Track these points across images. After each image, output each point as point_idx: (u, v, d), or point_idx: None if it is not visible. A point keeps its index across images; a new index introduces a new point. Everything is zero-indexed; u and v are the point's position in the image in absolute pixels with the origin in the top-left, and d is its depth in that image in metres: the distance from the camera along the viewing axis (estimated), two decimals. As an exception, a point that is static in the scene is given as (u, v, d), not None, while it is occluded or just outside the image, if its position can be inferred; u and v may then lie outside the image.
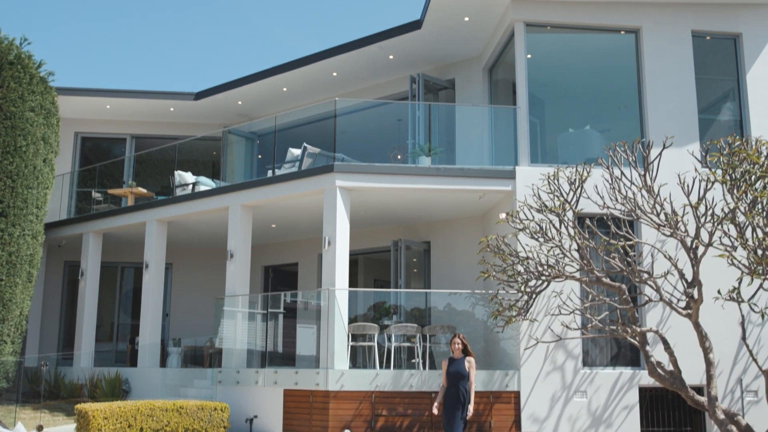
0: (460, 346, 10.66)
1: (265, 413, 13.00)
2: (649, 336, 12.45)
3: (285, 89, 18.13)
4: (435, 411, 10.52)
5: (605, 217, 11.76)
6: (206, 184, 16.26)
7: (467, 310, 13.95)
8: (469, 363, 10.55)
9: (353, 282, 17.52)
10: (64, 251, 19.37)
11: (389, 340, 13.16)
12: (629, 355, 13.22)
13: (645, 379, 12.81)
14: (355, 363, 13.43)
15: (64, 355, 18.32)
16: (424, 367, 13.13)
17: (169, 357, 17.16)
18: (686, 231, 10.88)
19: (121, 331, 19.93)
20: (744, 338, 11.67)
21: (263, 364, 13.83)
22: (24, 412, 13.96)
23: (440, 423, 12.32)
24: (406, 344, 13.45)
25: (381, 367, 12.91)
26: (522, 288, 11.60)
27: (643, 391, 12.95)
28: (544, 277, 11.55)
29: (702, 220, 10.66)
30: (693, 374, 12.43)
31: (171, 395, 14.82)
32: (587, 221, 11.46)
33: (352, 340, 12.98)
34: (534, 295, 11.78)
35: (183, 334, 18.54)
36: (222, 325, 14.36)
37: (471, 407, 10.39)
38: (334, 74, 17.19)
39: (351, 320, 13.39)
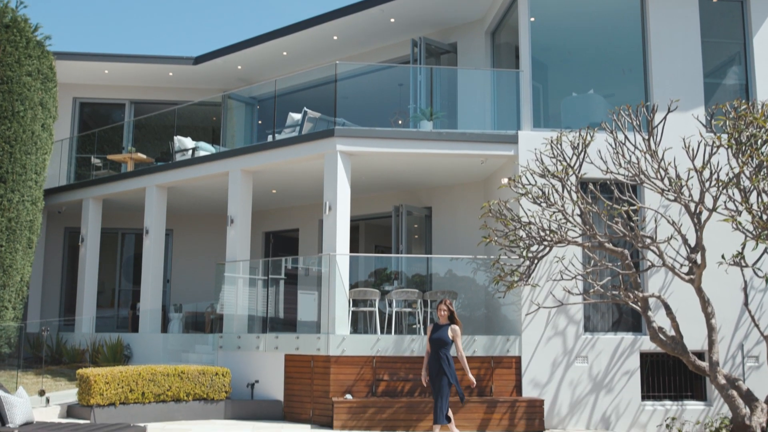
0: (446, 312, 10.28)
1: (266, 378, 13.02)
2: (651, 302, 12.40)
3: (285, 53, 17.92)
4: (423, 382, 10.35)
5: (608, 182, 11.66)
6: (206, 149, 16.14)
7: (468, 276, 13.92)
8: (453, 331, 10.13)
9: (354, 248, 17.48)
10: (65, 217, 19.31)
11: (390, 305, 13.14)
12: (630, 320, 13.20)
13: (646, 344, 12.80)
14: (356, 328, 13.43)
15: (65, 321, 18.35)
16: (425, 332, 13.10)
17: (171, 323, 17.18)
18: (690, 196, 10.78)
19: (123, 297, 19.95)
20: (746, 304, 11.67)
21: (264, 330, 13.83)
22: (26, 377, 13.99)
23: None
24: (407, 309, 13.43)
25: (382, 332, 12.90)
26: (524, 253, 11.53)
27: (644, 357, 12.95)
28: (546, 243, 11.48)
29: (707, 184, 10.56)
30: (694, 340, 12.41)
31: (172, 360, 14.85)
32: (590, 186, 11.35)
33: (353, 306, 12.96)
34: (536, 261, 11.72)
35: (184, 300, 18.55)
36: (223, 291, 14.34)
37: (471, 375, 10.21)
38: (335, 38, 16.97)
39: (352, 286, 13.35)
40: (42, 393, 11.83)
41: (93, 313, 17.17)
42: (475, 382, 10.28)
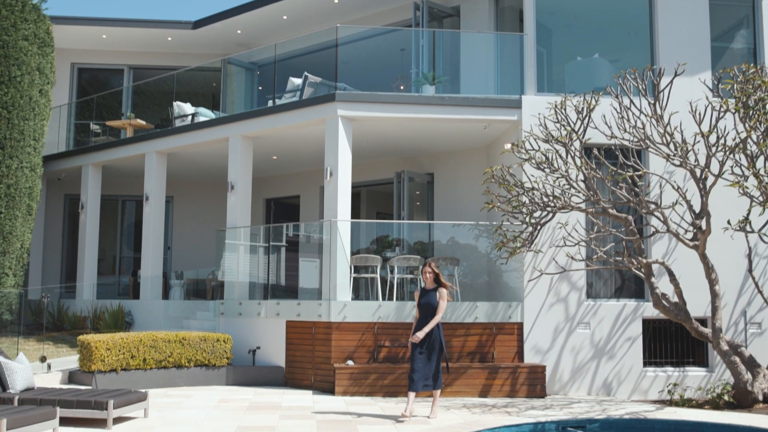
0: (431, 275, 9.66)
1: (267, 344, 13.01)
2: (654, 268, 12.32)
3: (285, 17, 17.64)
4: (412, 340, 9.50)
5: (613, 148, 11.51)
6: (206, 115, 15.97)
7: (470, 243, 13.83)
8: (440, 294, 9.57)
9: (355, 215, 17.34)
10: (64, 184, 19.20)
11: (392, 272, 13.07)
12: (633, 287, 13.14)
13: (649, 310, 12.75)
14: (357, 295, 13.36)
15: (67, 288, 18.32)
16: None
17: (172, 290, 17.15)
18: (697, 161, 10.64)
19: (124, 265, 19.90)
20: (750, 270, 11.59)
21: (265, 296, 13.78)
22: (28, 344, 13.99)
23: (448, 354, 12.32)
24: (409, 276, 13.37)
25: (383, 299, 12.85)
26: (527, 219, 11.43)
27: (647, 323, 12.91)
28: (549, 209, 11.37)
29: (713, 149, 10.42)
30: (697, 306, 12.35)
31: (174, 327, 14.83)
32: (594, 151, 11.21)
33: (354, 272, 12.89)
34: (539, 227, 11.62)
35: (185, 268, 18.50)
36: (224, 258, 14.27)
37: (420, 333, 9.34)
38: (336, 1, 16.69)
39: (353, 253, 13.26)
40: (43, 359, 11.82)
41: (94, 279, 17.15)
42: (419, 338, 9.34)
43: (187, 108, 16.13)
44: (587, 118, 11.31)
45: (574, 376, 12.54)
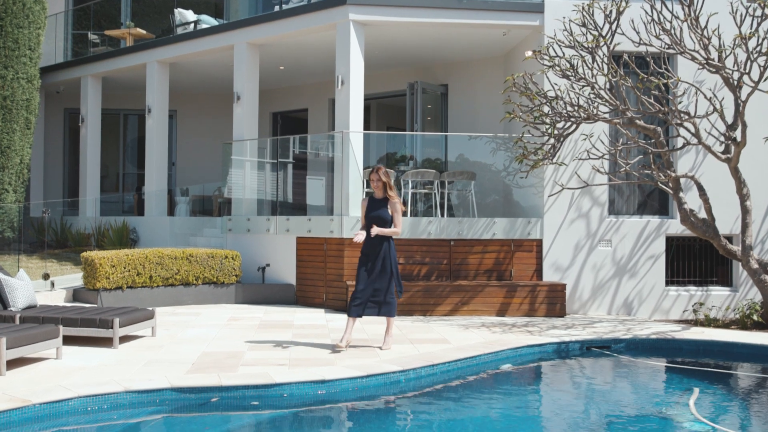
0: (380, 182, 8.17)
1: (277, 261, 12.60)
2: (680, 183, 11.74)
3: None
4: (357, 238, 8.11)
5: (644, 55, 10.77)
6: (208, 22, 15.15)
7: (486, 158, 13.19)
8: (393, 207, 8.18)
9: (365, 129, 16.70)
10: (63, 98, 18.51)
11: (405, 186, 12.54)
12: (657, 203, 12.60)
13: (672, 227, 12.26)
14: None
15: (70, 205, 17.86)
16: (443, 215, 12.58)
17: (177, 207, 16.67)
18: (736, 65, 9.93)
19: (128, 181, 19.39)
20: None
21: (275, 212, 13.28)
22: (31, 262, 13.62)
23: (458, 270, 11.92)
24: (424, 191, 12.84)
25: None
26: (550, 130, 10.81)
27: (670, 240, 12.43)
28: (573, 119, 10.73)
29: (753, 54, 9.70)
30: (723, 223, 11.83)
31: (180, 244, 14.42)
32: (625, 57, 10.48)
33: (366, 187, 12.35)
34: (561, 139, 11.02)
35: (190, 184, 17.97)
36: (231, 173, 13.72)
37: (377, 230, 8.08)
38: None
39: (365, 168, 12.69)
40: (46, 277, 11.42)
41: (97, 195, 16.66)
42: (361, 237, 8.08)
43: (189, 15, 15.31)
44: (616, 21, 10.53)
45: (594, 294, 12.14)
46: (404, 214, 12.35)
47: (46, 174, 18.50)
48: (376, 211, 8.22)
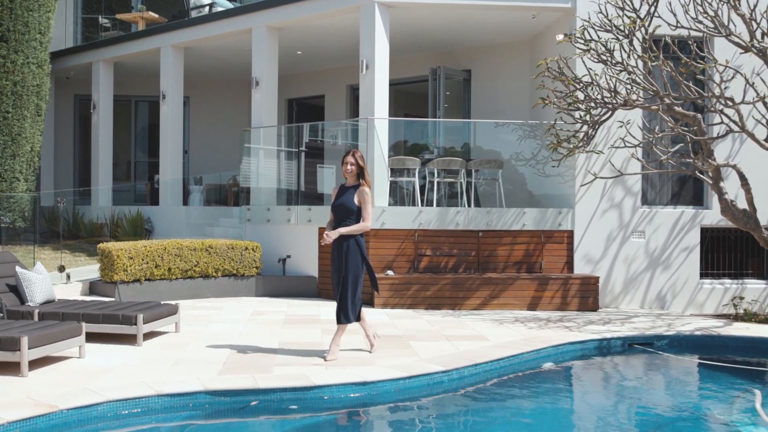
0: (353, 168, 7.13)
1: (298, 253, 12.20)
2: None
3: None
4: (326, 238, 7.05)
5: (685, 38, 10.30)
6: (223, 5, 14.71)
7: (513, 146, 12.73)
8: (361, 195, 7.08)
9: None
10: (74, 84, 18.07)
11: (431, 175, 12.11)
12: (691, 193, 12.17)
13: (707, 218, 11.84)
14: (393, 200, 12.44)
15: (81, 194, 17.47)
16: (469, 204, 12.16)
17: (191, 196, 16.27)
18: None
19: (139, 170, 18.99)
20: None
21: (296, 202, 12.87)
22: (44, 252, 13.23)
23: (487, 262, 11.52)
24: (449, 180, 12.41)
25: (421, 205, 11.93)
26: (587, 117, 10.37)
27: (704, 232, 12.00)
28: (610, 105, 10.28)
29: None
30: (762, 214, 11.37)
31: (195, 234, 14.02)
32: (666, 40, 10.01)
33: (391, 176, 11.92)
34: (596, 126, 10.57)
35: (204, 172, 17.57)
36: (249, 161, 13.30)
37: (334, 233, 7.00)
38: None
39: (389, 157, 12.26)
40: (62, 269, 11.05)
41: (110, 184, 16.26)
42: (329, 237, 7.02)
43: (204, -2, 14.87)
44: (655, 3, 10.06)
45: (626, 287, 11.73)
46: (429, 203, 11.95)
47: (56, 161, 18.11)
48: (341, 199, 7.14)
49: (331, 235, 7.00)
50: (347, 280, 7.09)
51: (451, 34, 13.70)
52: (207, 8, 14.59)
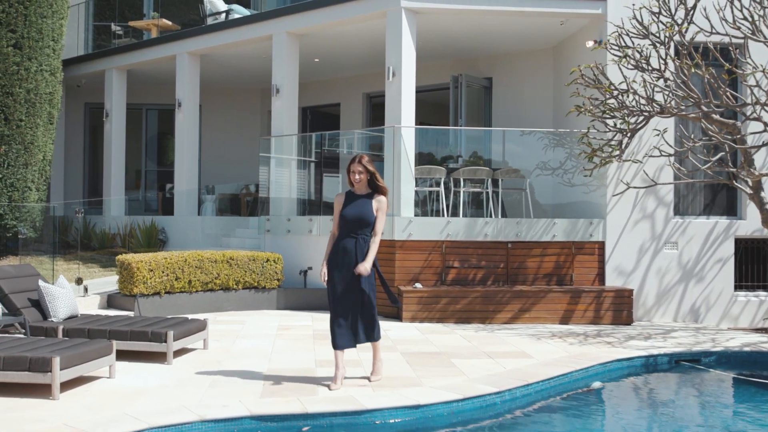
0: (363, 175, 6.38)
1: (320, 265, 11.80)
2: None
3: None
4: (323, 278, 6.43)
5: (725, 44, 10.01)
6: (240, 12, 14.39)
7: (539, 155, 12.40)
8: (379, 203, 6.40)
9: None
10: (84, 92, 17.75)
11: (456, 185, 11.79)
12: (724, 202, 11.86)
13: (741, 229, 11.53)
14: (419, 211, 12.11)
15: (90, 204, 17.13)
16: (495, 215, 11.84)
17: (203, 205, 15.94)
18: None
19: (148, 179, 18.65)
20: None
21: (318, 212, 12.54)
22: (56, 265, 12.86)
23: (516, 275, 11.18)
24: (476, 189, 12.09)
25: (447, 214, 11.60)
26: (621, 125, 10.06)
27: (738, 243, 11.68)
28: (646, 113, 9.97)
29: None
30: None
31: (211, 245, 13.66)
32: (707, 46, 9.71)
33: (416, 185, 11.60)
34: (631, 134, 10.26)
35: (215, 182, 17.23)
36: (268, 170, 12.97)
37: (368, 263, 6.28)
38: None
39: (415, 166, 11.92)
40: (79, 281, 10.70)
41: (122, 194, 15.91)
42: (367, 270, 6.28)
43: (220, 4, 14.56)
44: (694, 8, 9.76)
45: (659, 300, 11.39)
46: (455, 213, 11.63)
47: (66, 170, 17.77)
48: (356, 209, 6.36)
49: (368, 267, 6.27)
50: (369, 296, 6.38)
51: (472, 41, 13.41)
52: (223, 15, 14.28)
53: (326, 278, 6.39)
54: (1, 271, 7.96)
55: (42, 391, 5.93)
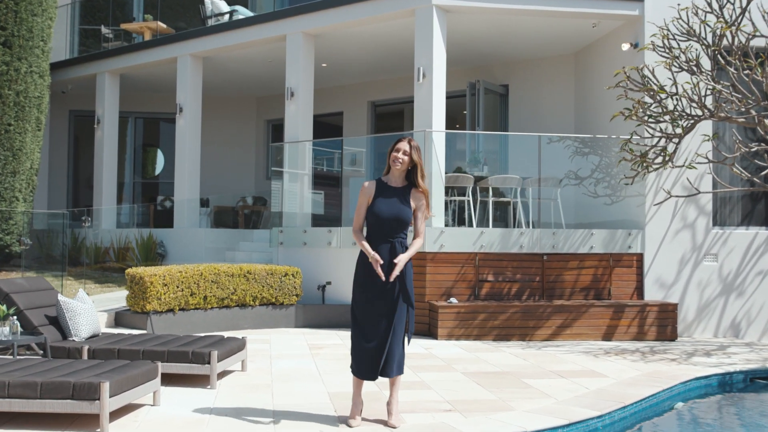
0: (406, 158, 5.19)
1: (339, 279, 11.05)
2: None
3: None
4: (376, 264, 5.16)
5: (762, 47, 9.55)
6: (244, 13, 13.63)
7: (566, 163, 11.82)
8: (419, 203, 5.28)
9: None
10: (69, 99, 16.75)
11: (483, 194, 11.14)
12: (763, 213, 11.38)
13: (781, 240, 11.05)
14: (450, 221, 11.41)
15: (73, 216, 16.08)
16: (527, 225, 11.20)
17: (199, 219, 15.03)
18: None
19: (135, 191, 17.66)
20: None
21: (337, 224, 11.76)
22: (49, 280, 11.86)
23: (552, 288, 10.52)
24: (505, 199, 11.45)
25: (476, 225, 10.92)
26: (678, 128, 9.51)
27: (778, 254, 11.21)
28: (696, 117, 9.44)
29: None
30: None
31: (214, 259, 12.78)
32: (746, 48, 9.23)
33: (446, 195, 10.91)
34: (680, 139, 9.73)
35: (209, 194, 16.32)
36: (280, 179, 12.18)
37: (405, 256, 5.15)
38: None
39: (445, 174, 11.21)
40: (84, 297, 9.73)
41: (113, 205, 14.94)
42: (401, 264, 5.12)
43: (223, 5, 13.78)
44: (745, 9, 9.28)
45: (699, 315, 10.83)
46: (485, 223, 10.97)
47: (50, 180, 16.73)
48: (392, 206, 5.16)
49: (403, 259, 5.10)
50: (409, 312, 5.28)
51: (491, 46, 12.83)
52: (227, 16, 13.50)
53: (380, 260, 5.10)
54: (13, 284, 7.06)
55: (85, 421, 5.07)
